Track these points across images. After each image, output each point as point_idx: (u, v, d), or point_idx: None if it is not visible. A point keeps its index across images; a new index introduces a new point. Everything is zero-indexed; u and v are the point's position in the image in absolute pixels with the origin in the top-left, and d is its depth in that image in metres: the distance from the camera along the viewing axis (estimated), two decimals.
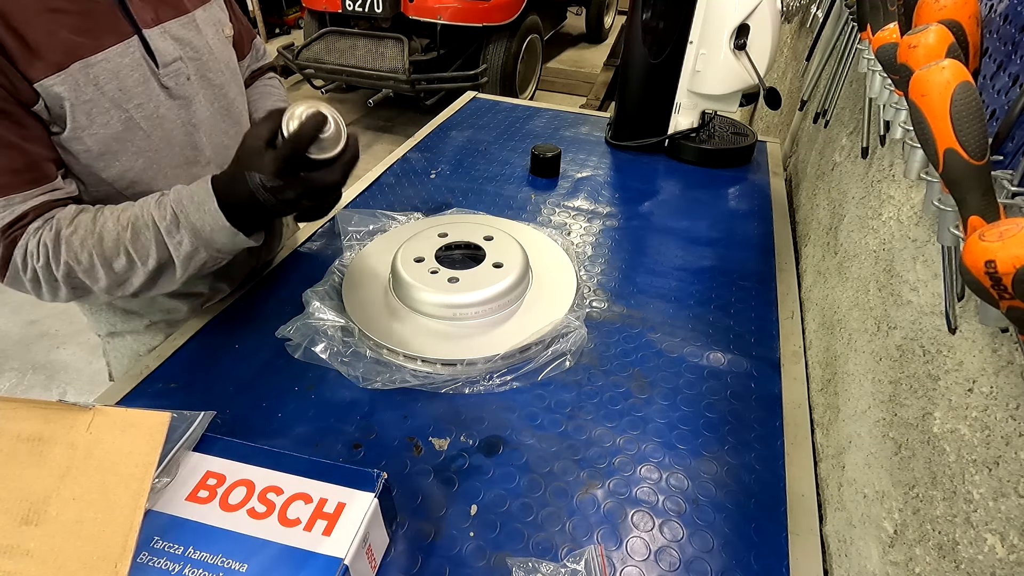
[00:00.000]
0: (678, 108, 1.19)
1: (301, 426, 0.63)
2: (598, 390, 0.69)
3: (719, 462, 0.61)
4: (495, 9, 3.10)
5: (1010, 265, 0.28)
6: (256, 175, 0.55)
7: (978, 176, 0.35)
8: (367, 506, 0.46)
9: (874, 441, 0.52)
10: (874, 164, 0.71)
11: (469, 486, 0.58)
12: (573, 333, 0.73)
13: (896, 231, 0.58)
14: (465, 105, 1.48)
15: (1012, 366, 0.36)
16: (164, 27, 0.64)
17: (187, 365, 0.71)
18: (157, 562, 0.43)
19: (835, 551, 0.55)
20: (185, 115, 0.67)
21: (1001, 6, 0.42)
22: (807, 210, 1.01)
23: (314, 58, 3.11)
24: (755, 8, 1.03)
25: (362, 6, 3.03)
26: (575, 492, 0.58)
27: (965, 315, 0.41)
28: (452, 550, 0.53)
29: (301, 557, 0.43)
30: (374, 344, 0.71)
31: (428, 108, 3.31)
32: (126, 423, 0.47)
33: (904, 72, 0.42)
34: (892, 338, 0.53)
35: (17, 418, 0.46)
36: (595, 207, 1.05)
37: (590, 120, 1.41)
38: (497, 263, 0.78)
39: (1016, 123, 0.36)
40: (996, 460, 0.35)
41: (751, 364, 0.73)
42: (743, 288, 0.86)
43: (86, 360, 1.96)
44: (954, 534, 0.38)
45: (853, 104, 0.87)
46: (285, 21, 5.13)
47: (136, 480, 0.44)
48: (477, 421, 0.64)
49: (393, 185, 1.11)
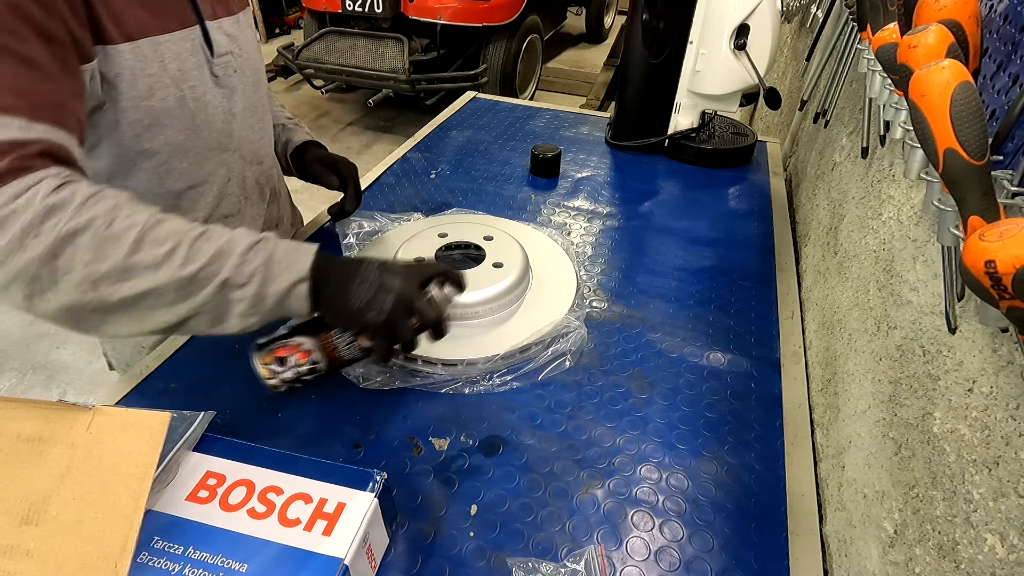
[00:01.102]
0: (678, 108, 1.19)
1: (301, 426, 0.63)
2: (598, 390, 0.69)
3: (719, 462, 0.61)
4: (495, 9, 3.09)
5: (1010, 265, 0.28)
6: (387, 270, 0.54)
7: (978, 176, 0.35)
8: (367, 506, 0.46)
9: (874, 441, 0.52)
10: (874, 164, 0.71)
11: (469, 486, 0.58)
12: (573, 333, 0.73)
13: (896, 231, 0.58)
14: (465, 105, 1.48)
15: (1012, 366, 0.36)
16: (219, 22, 0.69)
17: (187, 365, 0.71)
18: (157, 562, 0.43)
19: (835, 551, 0.55)
20: (226, 104, 0.72)
21: (1001, 6, 0.42)
22: (807, 210, 1.01)
23: (314, 58, 3.11)
24: (755, 8, 1.03)
25: (362, 6, 3.03)
26: (575, 492, 0.58)
27: (965, 315, 0.41)
28: (452, 550, 0.53)
29: (301, 557, 0.43)
30: None
31: (428, 108, 3.31)
32: (126, 423, 0.47)
33: (904, 72, 0.42)
34: (892, 338, 0.53)
35: (17, 418, 0.46)
36: (595, 207, 1.05)
37: (590, 120, 1.41)
38: (497, 263, 0.78)
39: (1016, 123, 0.36)
40: (996, 460, 0.35)
41: (751, 364, 0.73)
42: (743, 288, 0.86)
43: (86, 360, 1.96)
44: (954, 534, 0.38)
45: (853, 104, 0.87)
46: (285, 21, 5.13)
47: (136, 480, 0.44)
48: (477, 421, 0.64)
49: (393, 185, 1.11)
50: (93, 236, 0.46)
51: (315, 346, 0.57)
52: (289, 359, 0.56)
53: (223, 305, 0.49)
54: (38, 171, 0.46)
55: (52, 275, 0.45)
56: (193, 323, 0.49)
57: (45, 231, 0.44)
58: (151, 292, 0.47)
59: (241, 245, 0.50)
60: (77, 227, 0.45)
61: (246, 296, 0.49)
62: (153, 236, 0.47)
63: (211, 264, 0.48)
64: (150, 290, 0.47)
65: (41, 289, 0.45)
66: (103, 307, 0.47)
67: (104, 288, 0.46)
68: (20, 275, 0.44)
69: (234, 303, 0.49)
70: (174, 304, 0.48)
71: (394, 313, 0.53)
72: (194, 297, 0.48)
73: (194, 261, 0.48)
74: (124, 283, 0.47)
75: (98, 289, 0.46)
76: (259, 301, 0.50)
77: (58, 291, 0.45)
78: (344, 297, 0.53)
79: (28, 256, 0.44)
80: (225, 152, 0.73)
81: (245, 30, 0.75)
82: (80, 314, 0.47)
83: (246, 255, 0.50)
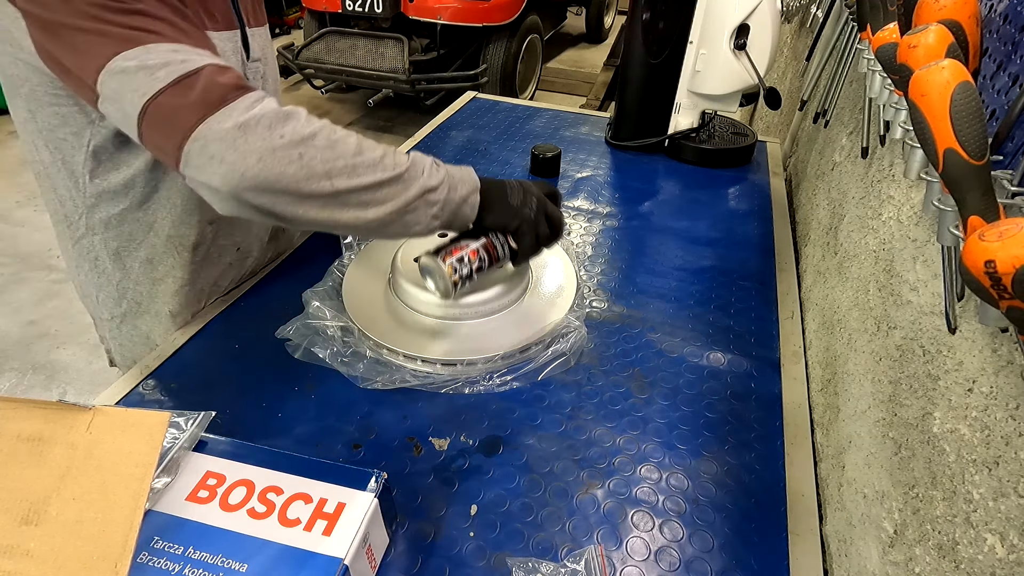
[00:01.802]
0: (678, 108, 1.19)
1: (301, 426, 0.63)
2: (598, 390, 0.69)
3: (719, 462, 0.61)
4: (495, 9, 3.09)
5: (1010, 265, 0.28)
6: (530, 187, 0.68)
7: (978, 176, 0.35)
8: (367, 506, 0.46)
9: (874, 441, 0.52)
10: (874, 164, 0.71)
11: (469, 486, 0.58)
12: (573, 333, 0.73)
13: (896, 231, 0.58)
14: (465, 105, 1.48)
15: (1012, 366, 0.36)
16: (253, 31, 0.73)
17: (187, 365, 0.71)
18: (157, 562, 0.43)
19: (835, 551, 0.55)
20: None
21: (1001, 6, 0.42)
22: (807, 210, 1.01)
23: (314, 58, 3.11)
24: (755, 8, 1.03)
25: (362, 6, 3.03)
26: (575, 492, 0.58)
27: (965, 315, 0.41)
28: (452, 550, 0.53)
29: (301, 557, 0.43)
30: (374, 344, 0.71)
31: (428, 108, 3.31)
32: (126, 423, 0.47)
33: (904, 72, 0.42)
34: (892, 338, 0.53)
35: (17, 418, 0.46)
36: (595, 207, 1.05)
37: (590, 120, 1.41)
38: None
39: (1016, 123, 0.36)
40: (996, 460, 0.35)
41: (751, 364, 0.73)
42: (743, 288, 0.86)
43: (86, 360, 1.96)
44: (954, 534, 0.38)
45: (853, 104, 0.87)
46: (285, 21, 5.13)
47: (136, 480, 0.44)
48: (477, 421, 0.64)
49: None
50: (327, 139, 0.53)
51: (481, 246, 0.67)
52: (465, 257, 0.67)
53: (421, 206, 0.58)
54: (253, 91, 0.53)
55: (299, 167, 0.52)
56: (392, 219, 0.57)
57: (288, 132, 0.51)
58: (371, 186, 0.55)
59: (427, 159, 0.60)
60: (313, 131, 0.53)
61: (439, 199, 0.59)
62: (366, 144, 0.56)
63: (413, 167, 0.58)
64: (372, 184, 0.55)
65: (290, 176, 0.52)
66: (332, 196, 0.54)
67: (339, 180, 0.54)
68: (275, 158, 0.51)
69: (429, 205, 0.59)
70: (386, 200, 0.56)
71: (538, 211, 0.67)
72: (403, 194, 0.57)
73: (400, 165, 0.57)
74: (354, 178, 0.54)
75: (332, 179, 0.53)
76: (447, 204, 0.60)
77: (300, 180, 0.52)
78: (504, 201, 0.66)
79: (280, 145, 0.51)
80: None
81: (268, 43, 0.80)
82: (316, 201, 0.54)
83: (434, 167, 0.60)
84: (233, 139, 0.50)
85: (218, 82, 0.51)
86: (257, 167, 0.50)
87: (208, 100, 0.50)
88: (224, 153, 0.49)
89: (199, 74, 0.51)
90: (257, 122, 0.50)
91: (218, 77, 0.52)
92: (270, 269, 0.87)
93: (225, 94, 0.51)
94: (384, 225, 0.57)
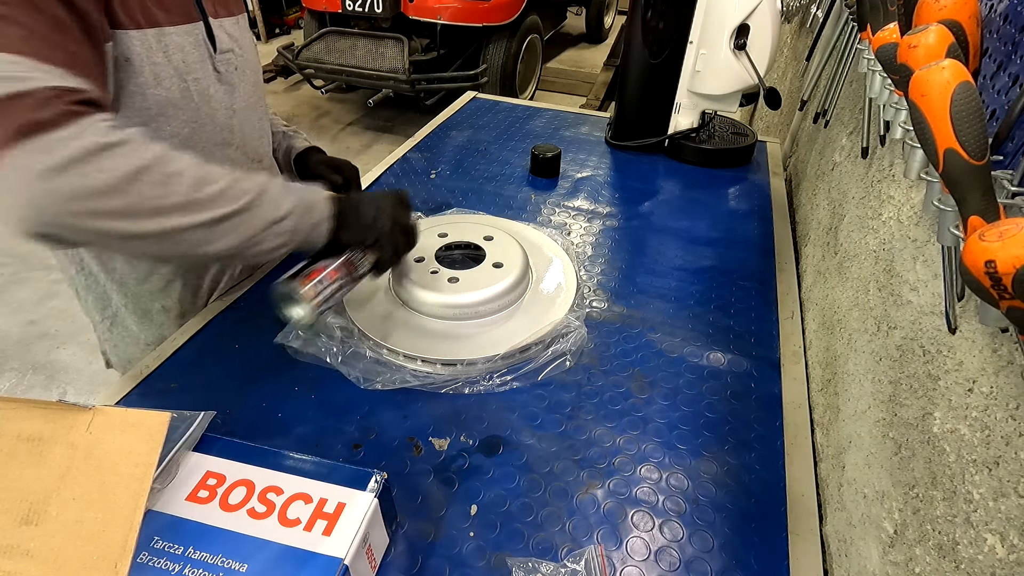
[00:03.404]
0: (678, 108, 1.19)
1: (301, 426, 0.63)
2: (598, 390, 0.69)
3: (719, 462, 0.61)
4: (495, 9, 3.09)
5: (1010, 265, 0.28)
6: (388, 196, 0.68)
7: (978, 176, 0.35)
8: (367, 506, 0.46)
9: (874, 441, 0.52)
10: (874, 164, 0.71)
11: (469, 486, 0.58)
12: (573, 333, 0.73)
13: (896, 231, 0.58)
14: (465, 105, 1.48)
15: (1012, 366, 0.36)
16: (220, 21, 0.72)
17: (187, 365, 0.71)
18: (157, 562, 0.43)
19: (835, 551, 0.55)
20: (228, 100, 0.74)
21: (1001, 6, 0.42)
22: (807, 210, 1.01)
23: (314, 58, 3.11)
24: (755, 8, 1.03)
25: (362, 6, 3.03)
26: (575, 492, 0.58)
27: (965, 315, 0.41)
28: (452, 550, 0.53)
29: (301, 557, 0.43)
30: (374, 344, 0.71)
31: (428, 108, 3.31)
32: (126, 423, 0.47)
33: (904, 72, 0.42)
34: (892, 338, 0.53)
35: (17, 418, 0.46)
36: (595, 207, 1.05)
37: (590, 120, 1.41)
38: (497, 263, 0.78)
39: (1016, 123, 0.36)
40: (996, 460, 0.35)
41: (751, 364, 0.73)
42: (743, 288, 0.86)
43: (86, 360, 1.96)
44: (954, 534, 0.38)
45: (853, 104, 0.87)
46: (285, 21, 5.13)
47: (136, 480, 0.44)
48: (477, 421, 0.64)
49: (393, 185, 1.11)
50: (162, 173, 0.51)
51: (339, 265, 0.65)
52: (324, 278, 0.64)
53: (267, 237, 0.57)
54: (94, 115, 0.50)
55: (123, 205, 0.49)
56: (235, 252, 0.56)
57: (110, 167, 0.48)
58: (209, 223, 0.53)
59: (275, 184, 0.59)
60: (144, 164, 0.50)
61: (287, 229, 0.58)
62: (209, 175, 0.54)
63: (258, 198, 0.56)
64: (209, 220, 0.53)
65: (110, 213, 0.49)
66: (164, 234, 0.52)
67: (171, 219, 0.51)
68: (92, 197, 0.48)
69: (276, 235, 0.58)
70: (227, 235, 0.55)
71: (394, 223, 0.67)
72: (246, 228, 0.55)
73: (245, 195, 0.55)
74: (189, 215, 0.52)
75: (162, 218, 0.51)
76: (296, 233, 0.59)
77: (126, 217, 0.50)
78: (358, 217, 0.65)
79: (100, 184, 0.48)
80: (228, 148, 0.75)
81: (244, 32, 0.78)
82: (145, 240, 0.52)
83: (283, 193, 0.59)
84: (41, 176, 0.45)
85: (46, 107, 0.46)
86: (66, 207, 0.46)
87: (24, 127, 0.45)
88: (26, 191, 0.45)
89: (28, 96, 0.46)
90: (77, 158, 0.46)
91: (49, 102, 0.47)
92: (270, 268, 0.87)
93: (49, 121, 0.46)
94: (228, 256, 0.57)
